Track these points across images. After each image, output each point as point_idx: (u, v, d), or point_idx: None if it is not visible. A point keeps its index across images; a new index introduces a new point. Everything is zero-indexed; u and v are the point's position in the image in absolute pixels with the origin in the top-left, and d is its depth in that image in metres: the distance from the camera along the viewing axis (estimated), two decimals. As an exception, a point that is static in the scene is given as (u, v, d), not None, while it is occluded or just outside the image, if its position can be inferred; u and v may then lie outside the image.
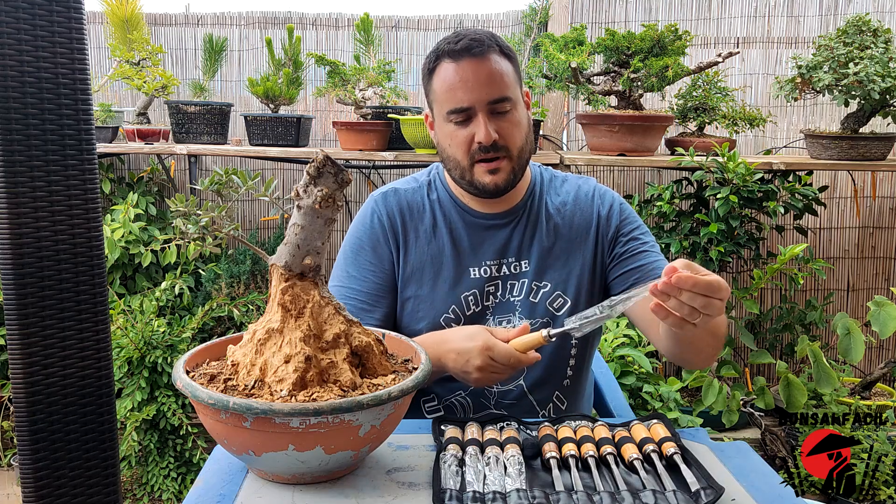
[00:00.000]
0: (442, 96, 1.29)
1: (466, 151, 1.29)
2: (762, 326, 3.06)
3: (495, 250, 1.37)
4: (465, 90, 1.26)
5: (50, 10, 0.66)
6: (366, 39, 2.83)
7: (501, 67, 1.28)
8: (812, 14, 3.16)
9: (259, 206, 3.32)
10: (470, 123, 1.28)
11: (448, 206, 1.40)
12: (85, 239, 0.69)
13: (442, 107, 1.30)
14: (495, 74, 1.27)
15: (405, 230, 1.38)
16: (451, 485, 0.91)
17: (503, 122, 1.28)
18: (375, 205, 1.41)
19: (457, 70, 1.26)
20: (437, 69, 1.30)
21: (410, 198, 1.41)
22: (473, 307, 1.35)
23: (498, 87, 1.27)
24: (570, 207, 1.40)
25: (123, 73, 2.77)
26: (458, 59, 1.26)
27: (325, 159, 0.89)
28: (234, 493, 0.91)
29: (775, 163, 2.60)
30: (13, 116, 0.65)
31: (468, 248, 1.37)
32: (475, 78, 1.26)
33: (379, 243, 1.38)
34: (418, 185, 1.44)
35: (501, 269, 1.37)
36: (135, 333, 2.37)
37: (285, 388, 0.88)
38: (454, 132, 1.29)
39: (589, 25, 3.04)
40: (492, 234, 1.38)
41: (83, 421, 0.71)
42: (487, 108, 1.27)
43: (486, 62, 1.26)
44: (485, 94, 1.26)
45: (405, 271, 1.37)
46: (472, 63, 1.26)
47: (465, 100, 1.26)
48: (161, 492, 2.40)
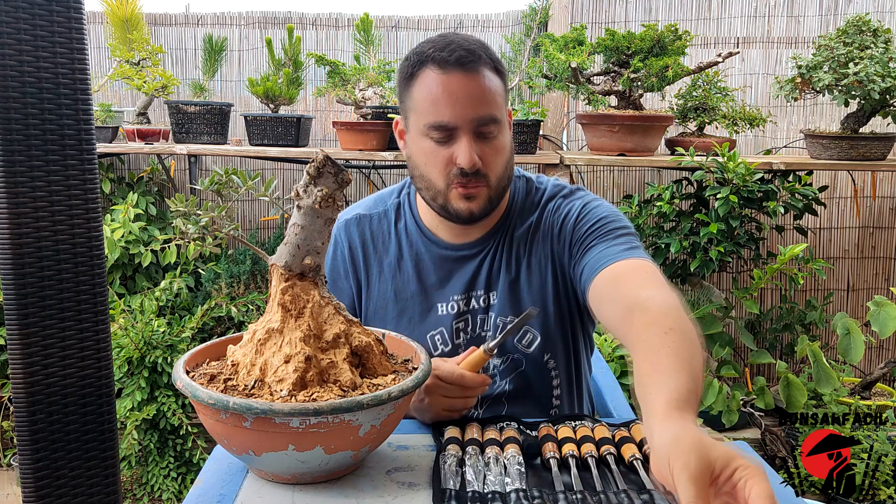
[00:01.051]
0: (423, 107, 1.17)
1: (443, 173, 1.18)
2: (762, 326, 3.06)
3: (463, 284, 1.27)
4: (452, 106, 1.14)
5: (50, 10, 0.66)
6: (366, 39, 2.83)
7: (492, 85, 1.17)
8: (812, 14, 3.16)
9: (259, 206, 3.32)
10: (451, 143, 1.16)
11: (415, 236, 1.30)
12: (85, 239, 0.69)
13: (421, 118, 1.17)
14: (486, 92, 1.16)
15: (367, 263, 1.31)
16: (451, 485, 0.91)
17: (487, 147, 1.17)
18: (338, 234, 1.33)
19: (444, 82, 1.14)
20: (418, 75, 1.17)
21: (376, 227, 1.32)
22: (441, 346, 1.27)
23: (487, 106, 1.16)
24: (532, 232, 1.28)
25: (123, 73, 2.77)
26: (447, 70, 1.14)
27: (325, 159, 0.89)
28: (234, 493, 0.91)
29: (775, 163, 2.60)
30: (13, 116, 0.65)
31: (435, 283, 1.28)
32: (464, 94, 1.14)
33: (339, 276, 1.32)
34: (385, 208, 1.34)
35: (470, 303, 1.27)
36: (135, 333, 2.37)
37: (285, 388, 0.88)
38: (433, 150, 1.17)
39: (589, 25, 3.04)
40: (460, 265, 1.28)
41: (83, 421, 0.71)
42: (473, 130, 1.16)
43: (477, 78, 1.15)
44: (472, 113, 1.15)
45: (368, 306, 1.30)
46: (462, 77, 1.14)
47: (449, 116, 1.14)
48: (161, 492, 2.40)
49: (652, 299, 1.00)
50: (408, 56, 1.21)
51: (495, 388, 1.28)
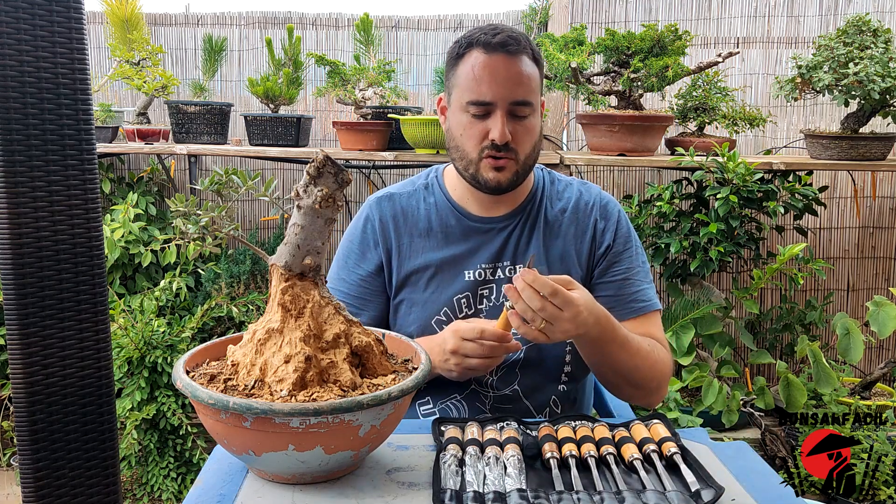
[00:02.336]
0: (465, 84, 1.28)
1: (477, 145, 1.29)
2: (762, 326, 3.06)
3: (491, 254, 1.36)
4: (492, 84, 1.25)
5: (50, 10, 0.66)
6: (366, 39, 2.83)
7: (530, 71, 1.28)
8: (812, 14, 3.16)
9: (259, 206, 3.32)
10: (487, 119, 1.27)
11: (445, 209, 1.39)
12: (85, 239, 0.69)
13: (463, 95, 1.28)
14: (523, 76, 1.26)
15: (398, 236, 1.38)
16: (451, 485, 0.91)
17: (519, 126, 1.28)
18: (370, 210, 1.41)
19: (487, 62, 1.25)
20: (465, 56, 1.28)
21: (405, 203, 1.41)
22: (466, 309, 1.35)
23: (524, 89, 1.26)
24: (569, 215, 1.40)
25: (123, 73, 2.77)
26: (491, 52, 1.25)
27: (325, 159, 0.89)
28: (234, 493, 0.91)
29: (775, 163, 2.60)
30: (13, 116, 0.65)
31: (464, 252, 1.36)
32: (504, 75, 1.25)
33: (368, 248, 1.39)
34: (415, 188, 1.43)
35: (496, 273, 1.36)
36: (135, 333, 2.37)
37: (285, 388, 0.88)
38: (470, 123, 1.28)
39: (589, 25, 3.04)
40: (489, 237, 1.37)
41: (83, 421, 0.71)
42: (508, 108, 1.26)
43: (518, 62, 1.26)
44: (509, 94, 1.25)
45: (398, 277, 1.37)
46: (504, 59, 1.25)
47: (488, 94, 1.25)
48: (161, 492, 2.40)
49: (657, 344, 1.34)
50: (458, 39, 1.32)
51: (510, 357, 1.34)
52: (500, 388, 1.35)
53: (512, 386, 1.35)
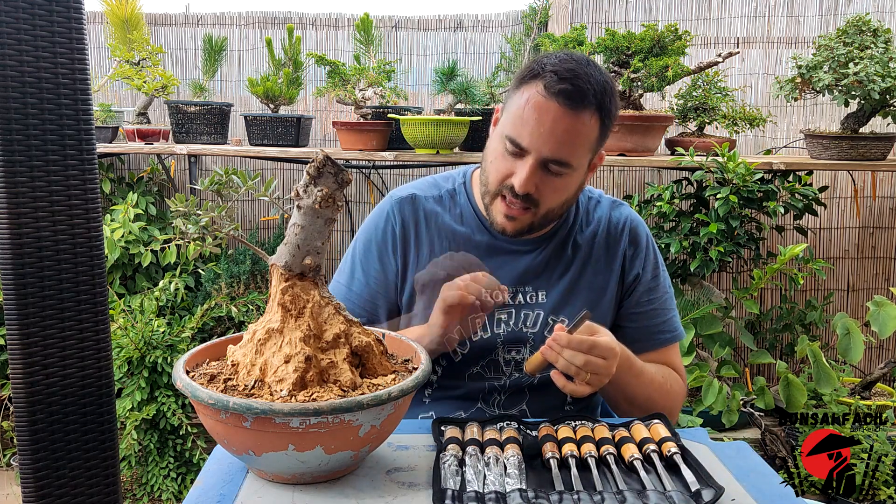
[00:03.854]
0: (512, 116, 1.18)
1: (500, 181, 1.20)
2: (762, 326, 3.06)
3: (513, 277, 1.29)
4: (532, 131, 1.14)
5: (50, 10, 0.66)
6: (366, 39, 2.83)
7: (584, 130, 1.15)
8: (812, 14, 3.16)
9: (259, 206, 3.32)
10: (518, 160, 1.18)
11: (471, 221, 1.32)
12: (85, 239, 0.69)
13: (507, 125, 1.19)
14: (571, 136, 1.15)
15: (418, 242, 1.31)
16: (451, 485, 0.91)
17: (548, 181, 1.18)
18: (391, 211, 1.33)
19: (539, 105, 1.14)
20: (528, 85, 1.16)
21: (430, 208, 1.33)
22: (481, 332, 1.29)
23: (565, 149, 1.15)
24: (599, 241, 1.33)
25: (123, 73, 2.77)
26: (549, 96, 1.13)
27: (325, 159, 0.89)
28: (234, 493, 0.91)
29: (775, 163, 2.60)
30: (13, 116, 0.65)
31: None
32: (549, 127, 1.14)
33: (387, 252, 1.32)
34: (440, 193, 1.35)
35: (517, 298, 1.29)
36: (135, 333, 2.37)
37: (285, 388, 0.88)
38: (502, 155, 1.20)
39: (589, 25, 3.04)
40: (512, 258, 1.30)
41: (83, 421, 0.71)
42: (542, 160, 1.16)
43: (572, 118, 1.13)
44: (546, 149, 1.15)
45: (412, 288, 1.31)
46: (557, 110, 1.13)
47: (525, 139, 1.15)
48: (161, 492, 2.40)
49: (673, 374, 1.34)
50: (535, 59, 1.20)
51: (522, 379, 1.31)
52: (508, 408, 1.32)
53: (520, 406, 1.33)
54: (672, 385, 1.31)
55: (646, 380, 1.25)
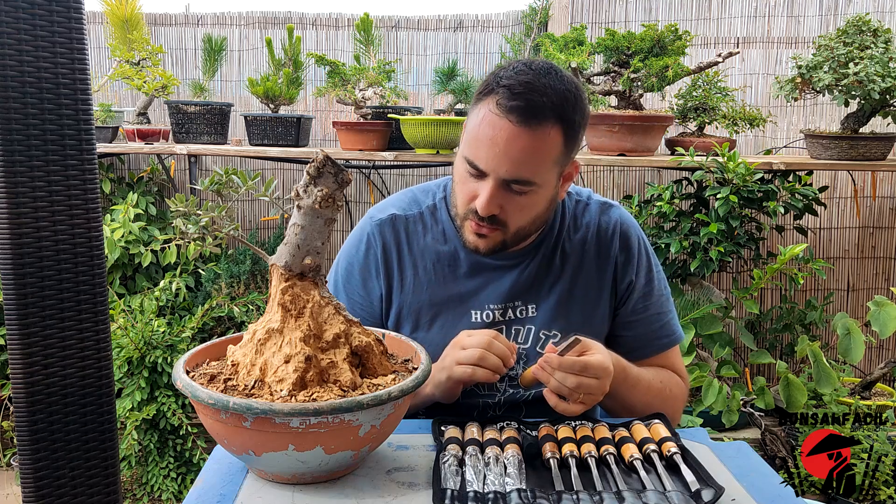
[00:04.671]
0: (469, 136, 1.14)
1: (466, 203, 1.17)
2: (762, 326, 3.06)
3: (501, 293, 1.25)
4: (487, 153, 1.10)
5: (50, 10, 0.66)
6: (366, 39, 2.83)
7: (544, 146, 1.10)
8: (812, 14, 3.16)
9: (259, 206, 3.32)
10: (479, 181, 1.14)
11: (453, 240, 1.27)
12: (85, 239, 0.69)
13: (464, 147, 1.15)
14: (529, 153, 1.09)
15: (401, 265, 1.27)
16: (451, 485, 0.91)
17: (513, 200, 1.14)
18: (371, 234, 1.29)
19: (493, 124, 1.09)
20: (482, 103, 1.12)
21: (411, 229, 1.28)
22: None
23: (525, 168, 1.10)
24: (589, 248, 1.28)
25: (123, 73, 2.77)
26: (502, 114, 1.08)
27: (325, 159, 0.89)
28: (234, 493, 0.91)
29: (775, 163, 2.60)
30: (13, 116, 0.65)
31: (471, 290, 1.26)
32: (503, 148, 1.08)
33: (370, 276, 1.28)
34: (421, 210, 1.30)
35: (507, 314, 1.26)
36: (135, 333, 2.37)
37: (285, 388, 0.88)
38: (465, 178, 1.16)
39: (589, 25, 3.04)
40: (498, 274, 1.26)
41: (83, 421, 0.71)
42: (501, 181, 1.12)
43: (528, 136, 1.08)
44: (503, 171, 1.10)
45: (400, 310, 1.27)
46: (510, 129, 1.08)
47: (482, 162, 1.11)
48: (161, 492, 2.40)
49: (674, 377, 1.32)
50: (493, 71, 1.15)
51: (516, 395, 1.29)
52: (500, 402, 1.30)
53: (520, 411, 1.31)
54: (672, 389, 1.29)
55: (642, 388, 1.22)
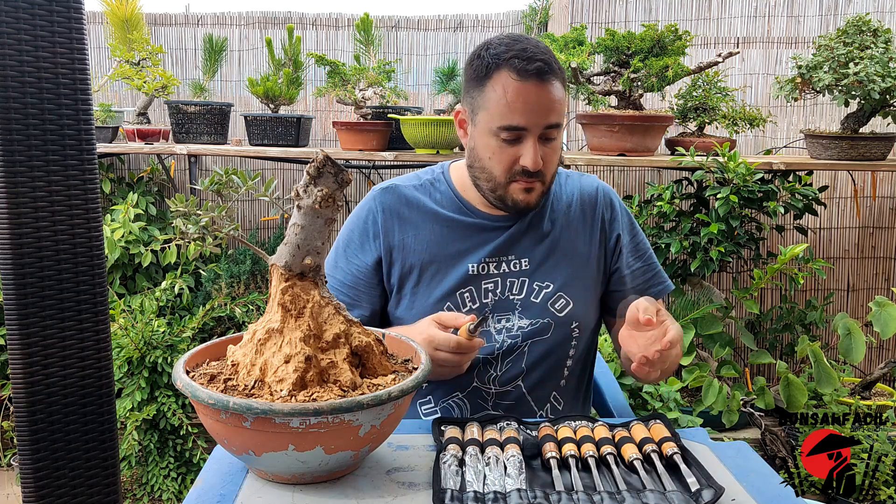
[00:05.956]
0: (496, 109, 1.25)
1: (507, 170, 1.28)
2: (762, 326, 3.06)
3: (495, 248, 1.36)
4: (526, 113, 1.24)
5: (50, 10, 0.66)
6: (366, 39, 2.83)
7: (560, 95, 1.27)
8: (812, 14, 3.16)
9: (259, 206, 3.32)
10: (518, 144, 1.26)
11: (450, 204, 1.39)
12: (85, 239, 0.69)
13: (493, 119, 1.26)
14: (556, 102, 1.26)
15: (402, 229, 1.38)
16: (451, 485, 0.91)
17: (548, 149, 1.28)
18: (373, 201, 1.40)
19: (521, 89, 1.23)
20: (495, 77, 1.25)
21: (410, 195, 1.40)
22: (470, 304, 1.35)
23: (556, 114, 1.26)
24: (575, 210, 1.41)
25: (123, 73, 2.77)
26: (525, 78, 1.23)
27: (325, 159, 0.89)
28: (234, 493, 0.91)
29: (775, 163, 2.60)
30: (13, 116, 0.65)
31: (469, 247, 1.36)
32: (538, 102, 1.24)
33: (368, 240, 1.38)
34: (420, 182, 1.43)
35: (501, 267, 1.36)
36: (135, 333, 2.37)
37: (285, 388, 0.88)
38: (500, 148, 1.27)
39: (589, 25, 3.04)
40: (494, 234, 1.37)
41: (83, 421, 0.71)
42: (541, 134, 1.26)
43: (551, 88, 1.24)
44: (543, 121, 1.25)
45: (401, 269, 1.37)
46: (537, 87, 1.23)
47: (522, 121, 1.24)
48: (161, 492, 2.40)
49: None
50: (480, 54, 1.28)
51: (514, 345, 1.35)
52: (503, 384, 1.36)
53: (515, 382, 1.36)
54: None
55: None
